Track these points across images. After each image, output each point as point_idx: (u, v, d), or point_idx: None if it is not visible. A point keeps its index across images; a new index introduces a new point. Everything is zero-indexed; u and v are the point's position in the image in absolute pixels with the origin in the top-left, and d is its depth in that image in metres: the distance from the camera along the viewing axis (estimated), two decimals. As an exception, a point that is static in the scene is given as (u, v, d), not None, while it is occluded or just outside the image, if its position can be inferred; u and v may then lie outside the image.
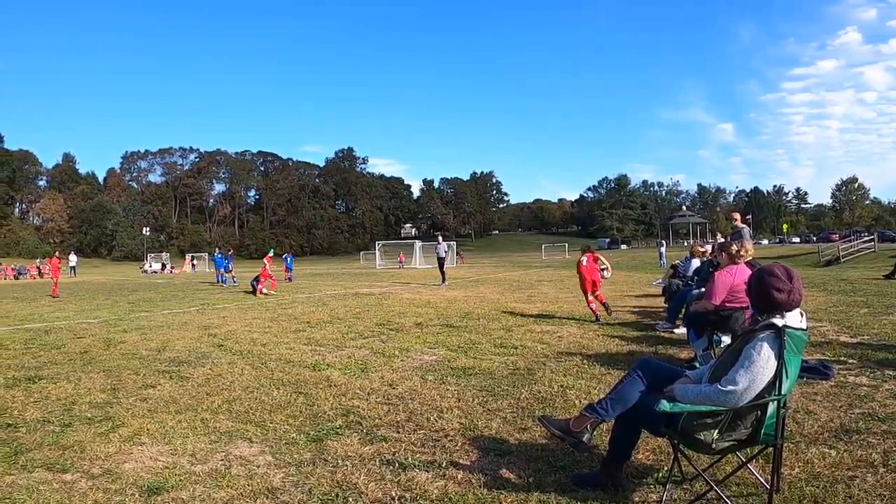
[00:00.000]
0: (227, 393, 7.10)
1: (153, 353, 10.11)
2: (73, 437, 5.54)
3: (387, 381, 7.55)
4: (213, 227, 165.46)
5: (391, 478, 4.39)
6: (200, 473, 4.60)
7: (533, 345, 9.88)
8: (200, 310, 17.94)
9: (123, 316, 16.54)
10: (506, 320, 13.23)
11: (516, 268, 48.65)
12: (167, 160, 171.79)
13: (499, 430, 5.38)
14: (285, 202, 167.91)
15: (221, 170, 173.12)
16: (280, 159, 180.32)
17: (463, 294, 21.30)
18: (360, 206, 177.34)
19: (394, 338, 11.16)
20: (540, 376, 7.46)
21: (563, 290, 22.23)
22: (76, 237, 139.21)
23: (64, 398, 7.04)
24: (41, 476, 4.62)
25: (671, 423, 3.68)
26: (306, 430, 5.56)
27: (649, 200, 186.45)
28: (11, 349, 10.89)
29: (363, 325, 13.16)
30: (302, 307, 17.83)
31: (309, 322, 13.87)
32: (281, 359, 9.26)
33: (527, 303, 16.99)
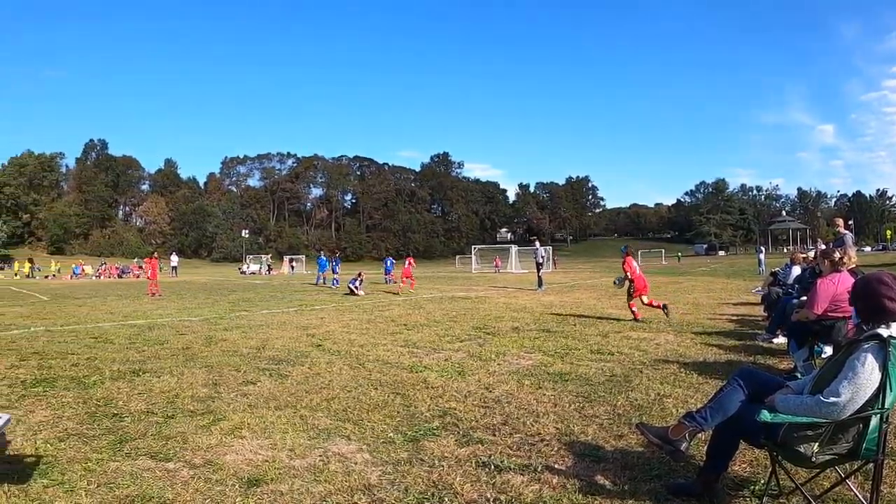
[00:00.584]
0: (326, 391, 7.23)
1: (253, 351, 10.39)
2: (175, 428, 5.75)
3: (483, 384, 7.56)
4: (311, 230, 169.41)
5: (486, 479, 4.39)
6: (299, 468, 4.69)
7: (629, 351, 9.74)
8: (299, 310, 18.35)
9: (224, 315, 17.09)
10: (602, 326, 13.09)
11: (612, 273, 47.80)
12: (265, 165, 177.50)
13: (595, 436, 5.33)
14: (381, 206, 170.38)
15: (318, 174, 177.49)
16: (376, 164, 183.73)
17: (559, 299, 21.15)
18: (455, 210, 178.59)
19: (490, 341, 11.17)
20: (637, 384, 7.36)
21: (660, 296, 21.49)
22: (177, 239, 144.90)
23: (167, 391, 7.31)
24: (145, 464, 4.81)
25: (771, 434, 3.60)
26: (403, 430, 5.61)
27: (748, 205, 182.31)
28: (116, 344, 11.39)
29: (460, 328, 13.22)
30: (399, 310, 18.02)
31: (406, 324, 14.00)
32: (378, 360, 9.38)
33: (623, 308, 16.66)
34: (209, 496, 4.18)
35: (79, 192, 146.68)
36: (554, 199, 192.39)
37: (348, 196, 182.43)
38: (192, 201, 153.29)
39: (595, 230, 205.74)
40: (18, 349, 10.78)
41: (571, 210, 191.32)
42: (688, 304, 18.09)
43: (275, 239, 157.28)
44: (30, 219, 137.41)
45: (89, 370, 8.73)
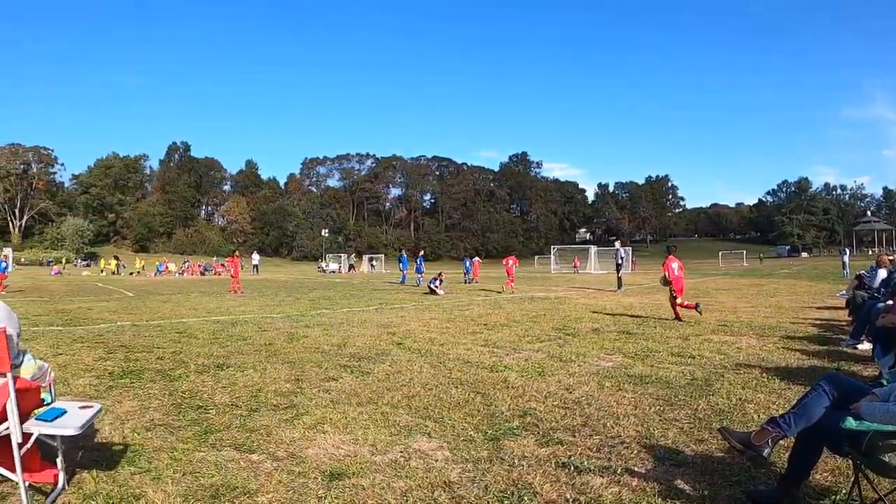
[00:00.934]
0: (407, 389, 7.29)
1: (334, 348, 10.53)
2: (259, 421, 5.88)
3: (564, 385, 7.52)
4: (390, 230, 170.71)
5: (566, 480, 4.37)
6: (380, 463, 4.74)
7: (710, 355, 9.57)
8: (379, 309, 18.55)
9: (305, 312, 17.37)
10: (683, 329, 12.89)
11: (693, 275, 47.03)
12: (345, 166, 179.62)
13: (675, 440, 5.25)
14: (460, 206, 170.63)
15: (397, 174, 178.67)
16: (455, 164, 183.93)
17: (639, 301, 20.89)
18: (534, 210, 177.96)
19: (570, 342, 11.11)
20: (718, 388, 7.22)
21: (742, 299, 21.46)
22: (258, 237, 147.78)
23: (250, 386, 7.49)
24: (229, 454, 4.93)
25: (855, 442, 3.49)
26: (483, 429, 5.61)
27: (831, 205, 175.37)
28: (200, 339, 11.70)
29: (540, 328, 13.18)
30: (478, 309, 18.05)
31: (486, 324, 14.02)
32: (459, 359, 9.40)
33: (704, 311, 16.43)
34: (292, 488, 4.26)
35: (162, 193, 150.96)
36: (633, 198, 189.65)
37: (427, 196, 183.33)
38: (272, 201, 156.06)
39: (675, 231, 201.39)
40: (106, 342, 11.17)
41: (651, 210, 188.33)
42: (770, 308, 17.64)
43: (354, 238, 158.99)
44: (115, 218, 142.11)
45: (174, 363, 9.01)
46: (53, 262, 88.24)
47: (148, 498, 4.07)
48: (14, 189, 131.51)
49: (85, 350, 10.28)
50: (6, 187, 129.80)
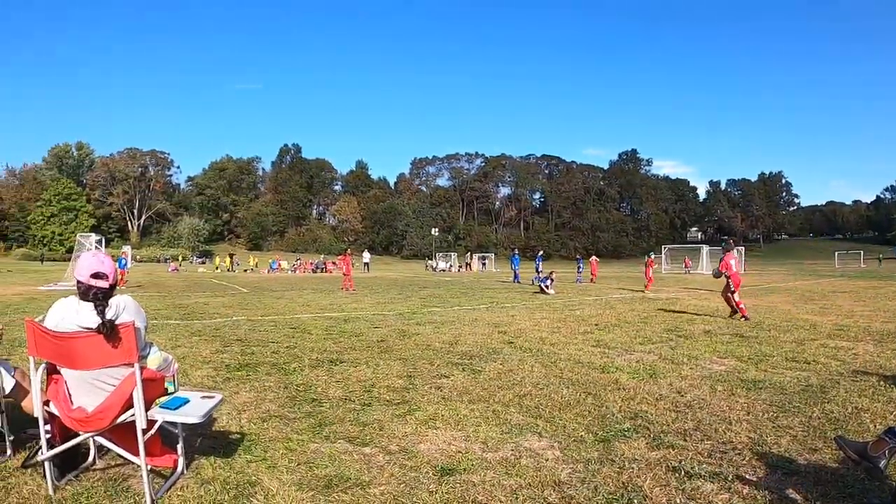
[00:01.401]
0: (518, 388, 7.29)
1: (446, 346, 10.63)
2: (372, 415, 6.01)
3: (675, 388, 7.40)
4: (500, 229, 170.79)
5: (676, 485, 4.31)
6: (491, 461, 4.77)
7: (826, 361, 9.19)
8: (489, 308, 18.61)
9: (416, 310, 17.57)
10: (797, 333, 12.41)
11: (807, 276, 45.69)
12: (454, 165, 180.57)
13: (788, 448, 5.09)
14: (570, 205, 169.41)
15: (507, 173, 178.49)
16: (564, 162, 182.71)
17: (752, 303, 20.17)
18: (644, 208, 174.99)
19: (682, 344, 10.92)
20: (833, 395, 6.94)
21: (859, 302, 20.53)
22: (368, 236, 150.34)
23: (363, 381, 7.65)
24: (342, 447, 5.06)
25: None
26: (594, 430, 5.58)
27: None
28: (314, 334, 11.98)
29: (651, 329, 13.00)
30: (589, 309, 17.90)
31: (597, 324, 13.90)
32: (570, 359, 9.35)
33: (819, 315, 15.81)
34: (404, 481, 4.33)
35: (275, 193, 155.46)
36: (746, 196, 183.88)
37: (537, 195, 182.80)
38: (382, 200, 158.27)
39: (789, 230, 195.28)
40: (222, 336, 11.59)
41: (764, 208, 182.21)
42: (889, 312, 16.77)
43: (464, 237, 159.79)
44: (229, 218, 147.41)
45: (289, 357, 9.27)
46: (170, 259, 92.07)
47: (263, 485, 4.22)
48: (132, 191, 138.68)
49: (202, 343, 10.70)
50: (125, 189, 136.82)
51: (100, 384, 4.09)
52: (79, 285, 4.15)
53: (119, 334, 3.93)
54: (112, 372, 4.07)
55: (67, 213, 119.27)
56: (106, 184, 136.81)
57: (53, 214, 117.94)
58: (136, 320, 4.08)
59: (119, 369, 4.07)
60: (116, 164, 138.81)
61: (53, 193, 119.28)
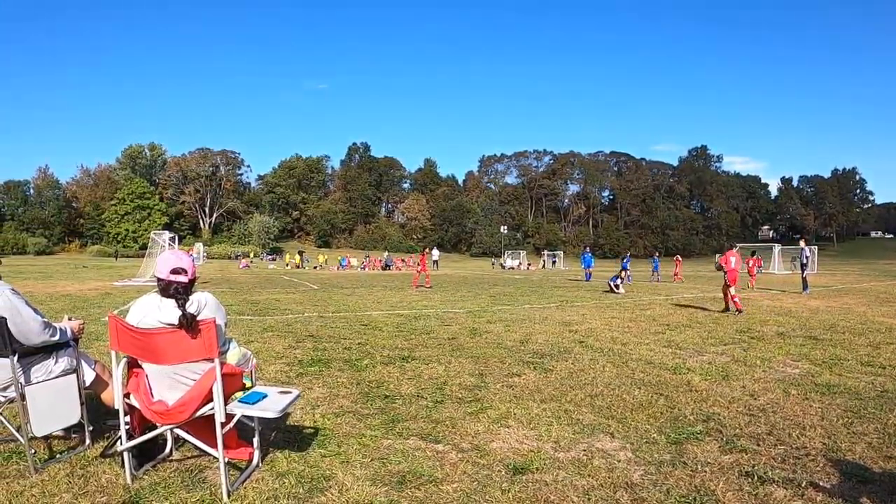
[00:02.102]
0: (590, 388, 7.26)
1: (517, 344, 10.63)
2: (444, 413, 6.06)
3: (748, 390, 7.28)
4: (568, 227, 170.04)
5: (749, 490, 4.25)
6: (563, 460, 4.77)
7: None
8: (560, 306, 18.52)
9: (486, 308, 17.57)
10: (873, 336, 12.02)
11: (883, 277, 44.03)
12: (522, 163, 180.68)
13: (862, 455, 4.97)
14: (639, 202, 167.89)
15: (575, 171, 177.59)
16: (633, 159, 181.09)
17: (825, 304, 19.72)
18: (715, 206, 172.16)
19: (755, 346, 10.71)
20: (908, 402, 6.75)
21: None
22: (437, 234, 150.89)
23: (435, 378, 7.71)
24: (415, 444, 5.11)
25: None
26: (666, 432, 5.53)
27: None
28: (385, 331, 12.09)
29: (723, 330, 12.79)
30: (660, 309, 17.68)
31: (668, 324, 13.75)
32: (641, 359, 9.28)
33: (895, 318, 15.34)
34: (476, 479, 4.36)
35: (344, 191, 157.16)
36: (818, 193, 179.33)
37: (605, 192, 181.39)
38: (451, 198, 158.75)
39: (864, 228, 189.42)
40: (294, 332, 11.77)
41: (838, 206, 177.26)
42: None
43: (533, 234, 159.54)
44: (299, 215, 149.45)
45: (361, 354, 9.39)
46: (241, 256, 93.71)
47: (337, 479, 4.29)
48: (204, 189, 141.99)
49: (275, 338, 10.89)
50: (196, 188, 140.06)
51: (180, 378, 4.21)
52: (159, 282, 4.27)
53: (200, 330, 4.04)
54: (192, 367, 4.19)
55: (140, 211, 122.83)
56: (178, 183, 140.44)
57: (127, 213, 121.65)
58: (216, 316, 4.19)
59: (199, 364, 4.18)
60: (188, 163, 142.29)
61: (127, 192, 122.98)
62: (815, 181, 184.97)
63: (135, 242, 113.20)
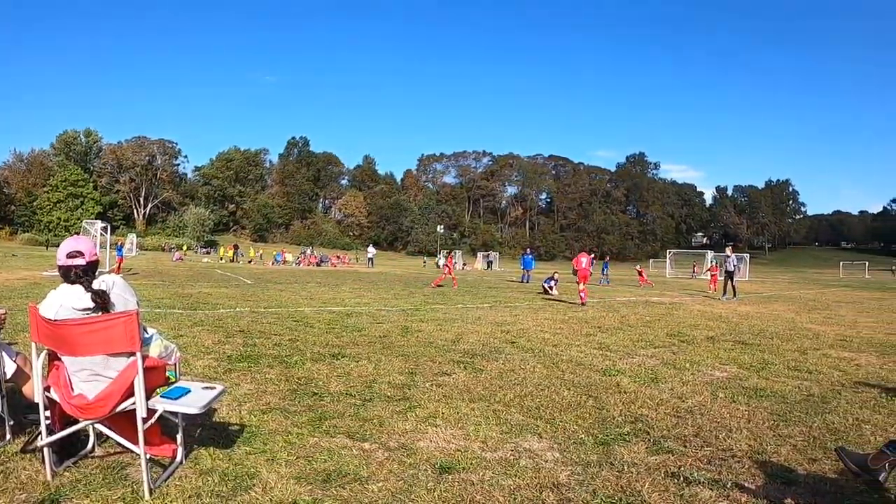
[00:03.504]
0: (519, 388, 7.30)
1: (448, 343, 10.63)
2: (372, 411, 6.01)
3: (676, 393, 7.40)
4: (505, 228, 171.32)
5: (675, 490, 4.31)
6: (490, 460, 4.77)
7: (828, 371, 9.19)
8: (493, 307, 18.60)
9: (419, 307, 17.55)
10: (800, 342, 12.40)
11: (812, 285, 45.74)
12: (461, 163, 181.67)
13: (787, 458, 5.09)
14: (576, 206, 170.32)
15: (514, 173, 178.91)
16: (571, 163, 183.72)
17: (756, 310, 20.30)
18: (650, 212, 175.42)
19: (684, 350, 10.91)
20: (834, 406, 6.94)
21: (863, 313, 20.50)
22: (374, 231, 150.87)
23: (365, 376, 7.65)
24: (342, 442, 5.06)
25: None
26: (594, 433, 5.59)
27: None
28: (316, 328, 11.98)
29: (654, 334, 13.00)
30: (593, 312, 17.89)
31: (600, 327, 13.91)
32: (572, 360, 9.35)
33: (822, 324, 15.82)
34: (402, 478, 4.33)
35: (281, 186, 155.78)
36: (752, 203, 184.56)
37: (543, 195, 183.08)
38: (388, 196, 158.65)
39: (795, 238, 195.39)
40: (225, 327, 11.58)
41: (770, 216, 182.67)
42: (892, 325, 16.69)
43: (469, 235, 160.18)
44: (235, 209, 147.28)
45: (291, 350, 9.27)
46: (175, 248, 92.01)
47: (262, 477, 4.22)
48: (139, 179, 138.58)
49: (205, 333, 10.69)
50: (132, 177, 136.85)
51: (101, 372, 4.08)
52: (59, 270, 4.15)
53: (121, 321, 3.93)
54: (113, 360, 4.06)
55: (74, 199, 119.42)
56: (113, 171, 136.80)
57: (60, 200, 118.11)
58: (126, 295, 4.10)
59: (120, 357, 4.06)
60: (124, 151, 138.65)
61: (60, 179, 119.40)
62: (749, 191, 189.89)
63: (67, 231, 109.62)
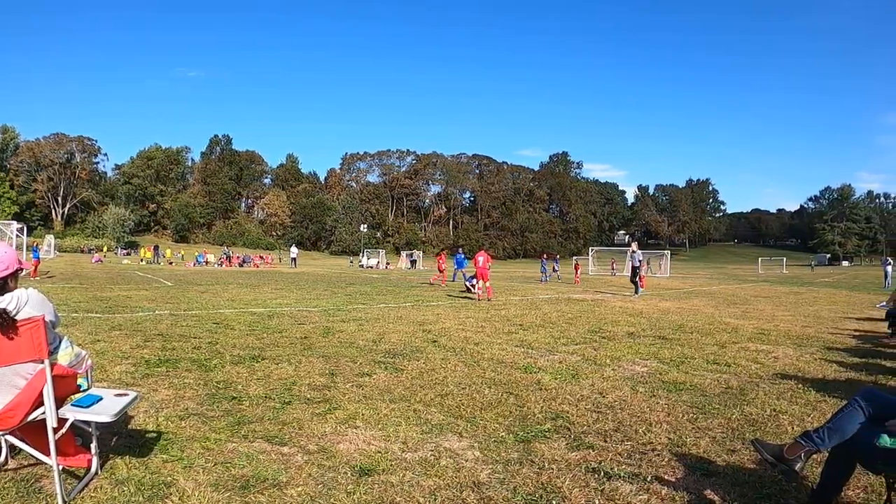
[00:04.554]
0: (440, 387, 7.30)
1: (369, 343, 10.58)
2: (292, 414, 5.94)
3: (597, 388, 7.49)
4: (429, 227, 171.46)
5: (595, 486, 4.35)
6: (410, 461, 4.76)
7: (746, 364, 9.45)
8: (415, 305, 18.63)
9: (341, 307, 17.41)
10: (719, 336, 12.72)
11: (731, 281, 47.02)
12: (385, 162, 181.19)
13: (707, 450, 5.20)
14: (500, 205, 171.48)
15: (437, 172, 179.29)
16: (495, 162, 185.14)
17: (676, 305, 20.76)
18: (573, 210, 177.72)
19: (605, 346, 11.06)
20: (752, 397, 7.13)
21: (780, 307, 21.22)
22: (297, 231, 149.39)
23: (285, 378, 7.55)
24: (261, 446, 4.98)
25: (889, 460, 3.44)
26: (515, 430, 5.62)
27: (874, 213, 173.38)
28: (237, 330, 11.81)
29: (575, 330, 13.13)
30: (515, 309, 18.02)
31: (521, 324, 13.99)
32: (493, 359, 9.39)
33: (741, 318, 16.29)
34: (321, 482, 4.29)
35: (203, 185, 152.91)
36: (673, 202, 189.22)
37: (467, 194, 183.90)
38: (312, 195, 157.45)
39: (715, 235, 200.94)
40: (143, 330, 11.32)
41: (691, 214, 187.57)
42: (809, 317, 17.37)
43: (393, 234, 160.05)
44: (156, 208, 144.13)
45: (210, 353, 9.11)
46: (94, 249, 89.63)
47: (178, 486, 4.13)
48: (58, 178, 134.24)
49: (123, 337, 10.43)
50: (50, 175, 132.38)
51: (9, 381, 3.93)
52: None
53: (18, 329, 3.79)
54: (21, 368, 3.92)
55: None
56: (30, 169, 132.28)
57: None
58: (44, 314, 3.95)
59: (29, 366, 3.92)
60: (42, 149, 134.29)
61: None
62: (670, 190, 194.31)
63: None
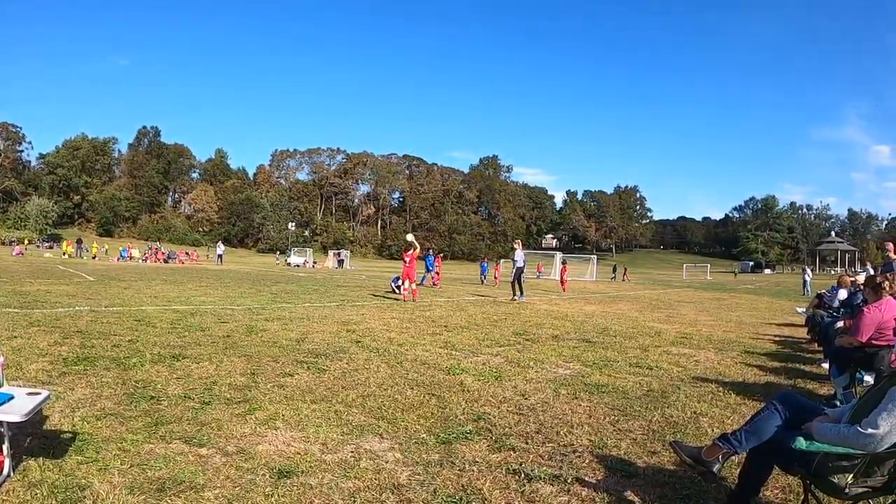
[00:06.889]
0: (362, 388, 7.27)
1: (293, 343, 10.47)
2: (211, 414, 5.84)
3: (520, 390, 7.55)
4: (357, 227, 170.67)
5: (516, 487, 4.39)
6: (330, 462, 4.73)
7: (668, 367, 9.65)
8: (340, 305, 18.48)
9: (266, 305, 17.23)
10: (642, 339, 12.98)
11: (656, 286, 48.21)
12: (315, 160, 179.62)
13: (627, 451, 5.30)
14: (429, 206, 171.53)
15: (367, 171, 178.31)
16: (425, 163, 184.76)
17: (601, 309, 21.13)
18: (502, 213, 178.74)
19: (530, 348, 11.14)
20: (673, 400, 7.29)
21: (703, 311, 21.87)
22: (224, 227, 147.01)
23: (205, 378, 7.42)
24: (178, 448, 4.89)
25: (805, 462, 3.57)
26: (436, 432, 5.63)
27: (796, 224, 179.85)
28: (158, 328, 11.55)
29: (500, 332, 13.20)
30: (440, 311, 18.03)
31: (446, 326, 14.01)
32: (416, 360, 9.40)
33: (665, 323, 16.67)
34: (239, 484, 4.24)
35: (130, 177, 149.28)
36: (601, 207, 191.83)
37: (396, 194, 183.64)
38: (240, 192, 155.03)
39: (641, 241, 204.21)
40: (62, 327, 11.00)
41: (618, 219, 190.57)
42: (730, 322, 17.92)
43: (321, 233, 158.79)
44: (80, 200, 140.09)
45: (130, 352, 8.88)
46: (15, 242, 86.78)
47: (93, 489, 4.02)
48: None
49: (40, 334, 10.11)
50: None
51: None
52: None
53: None
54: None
55: None
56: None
57: None
58: None
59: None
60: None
61: None
62: (598, 196, 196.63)
63: None
